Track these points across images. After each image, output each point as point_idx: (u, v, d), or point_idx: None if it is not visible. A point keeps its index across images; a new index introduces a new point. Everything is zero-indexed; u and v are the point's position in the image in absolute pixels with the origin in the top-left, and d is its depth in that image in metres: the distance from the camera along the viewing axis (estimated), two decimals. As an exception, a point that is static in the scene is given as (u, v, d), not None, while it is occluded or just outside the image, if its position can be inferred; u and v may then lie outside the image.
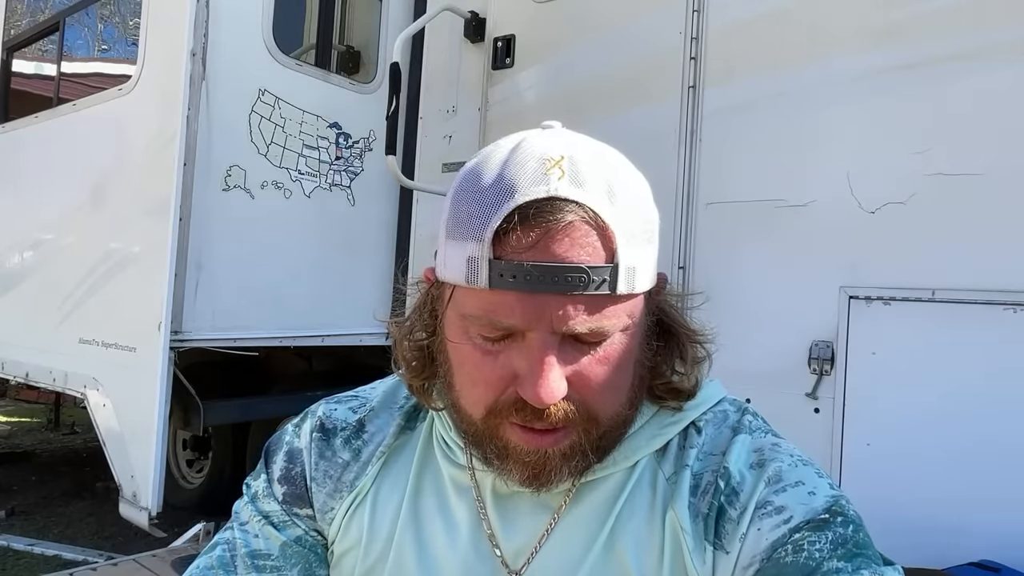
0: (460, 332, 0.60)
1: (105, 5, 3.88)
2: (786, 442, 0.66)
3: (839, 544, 0.57)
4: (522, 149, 0.58)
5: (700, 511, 0.63)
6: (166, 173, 2.84)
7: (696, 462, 0.65)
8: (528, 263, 0.54)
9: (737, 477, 0.63)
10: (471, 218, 0.57)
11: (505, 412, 0.59)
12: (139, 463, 2.89)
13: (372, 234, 3.56)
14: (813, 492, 0.61)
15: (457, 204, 0.59)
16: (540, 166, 0.56)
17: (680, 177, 2.47)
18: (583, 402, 0.59)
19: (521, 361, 0.57)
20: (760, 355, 2.23)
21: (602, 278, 0.55)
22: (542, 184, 0.55)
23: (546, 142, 0.59)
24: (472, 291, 0.57)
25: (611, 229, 0.56)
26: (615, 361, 0.59)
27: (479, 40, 3.14)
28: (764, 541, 0.59)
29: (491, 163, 0.59)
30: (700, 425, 0.67)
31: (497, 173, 0.57)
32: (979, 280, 1.93)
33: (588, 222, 0.55)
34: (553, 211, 0.55)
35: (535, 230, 0.55)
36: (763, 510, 0.60)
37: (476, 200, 0.57)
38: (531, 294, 0.55)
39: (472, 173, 0.60)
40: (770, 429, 0.68)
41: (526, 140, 0.60)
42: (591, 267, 0.55)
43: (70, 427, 6.22)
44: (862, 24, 2.18)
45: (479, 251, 0.56)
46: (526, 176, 0.56)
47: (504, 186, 0.56)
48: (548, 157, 0.57)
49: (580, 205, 0.55)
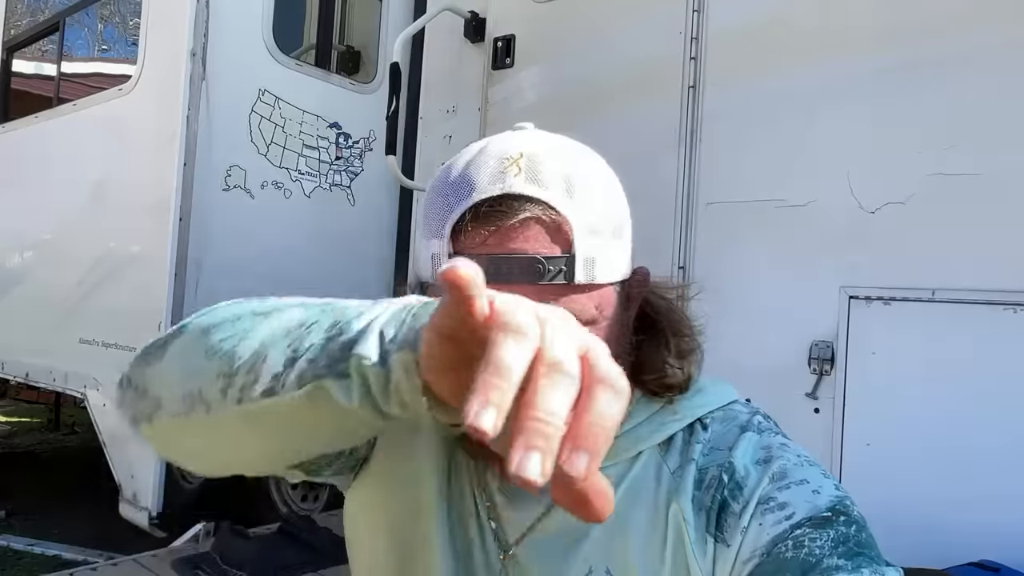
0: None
1: (105, 5, 3.88)
2: (795, 444, 0.67)
3: (840, 542, 0.57)
4: (487, 149, 0.61)
5: (703, 504, 0.63)
6: (166, 173, 2.85)
7: (702, 456, 0.65)
8: (482, 255, 0.56)
9: (742, 472, 0.63)
10: (434, 216, 0.60)
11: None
12: (139, 463, 2.90)
13: (372, 234, 3.56)
14: (817, 491, 0.61)
15: (426, 203, 0.62)
16: (499, 164, 0.59)
17: (680, 177, 2.47)
18: None
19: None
20: (760, 355, 2.23)
21: (558, 268, 0.57)
22: (498, 181, 0.58)
23: (509, 142, 0.61)
24: (436, 285, 0.59)
25: (568, 222, 0.57)
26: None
27: (479, 40, 3.14)
28: (765, 536, 0.59)
29: (458, 163, 0.62)
30: (707, 422, 0.68)
31: (460, 172, 0.60)
32: (979, 280, 1.93)
33: (543, 217, 0.57)
34: (508, 207, 0.57)
35: (490, 227, 0.57)
36: (766, 505, 0.61)
37: (439, 199, 0.60)
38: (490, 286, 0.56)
39: (442, 173, 0.63)
40: (780, 431, 0.69)
41: (492, 140, 0.62)
42: (546, 257, 0.57)
43: (70, 427, 6.22)
44: (862, 24, 2.18)
45: (440, 247, 0.59)
46: (485, 174, 0.59)
47: (464, 184, 0.59)
48: (507, 156, 0.59)
49: (535, 201, 0.57)
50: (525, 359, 0.34)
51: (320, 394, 0.44)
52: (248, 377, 0.48)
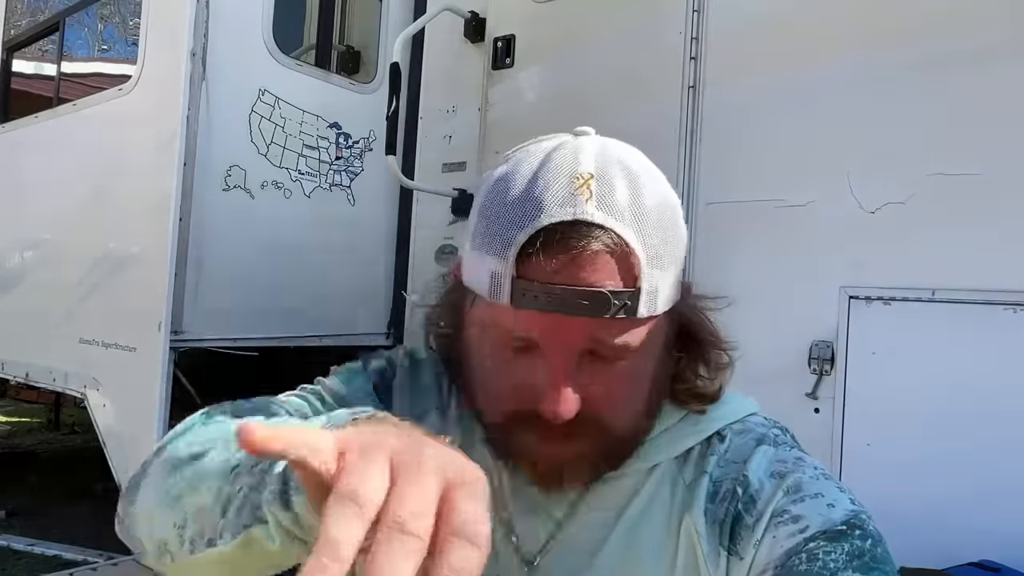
0: (482, 340, 0.61)
1: (105, 5, 3.88)
2: (811, 458, 0.66)
3: (855, 556, 0.56)
4: (553, 162, 0.58)
5: (717, 517, 0.63)
6: (166, 173, 2.84)
7: (716, 469, 0.65)
8: (551, 286, 0.54)
9: (756, 485, 0.62)
10: (497, 233, 0.56)
11: (521, 421, 0.60)
12: (139, 463, 2.89)
13: (372, 234, 3.56)
14: (832, 504, 0.60)
15: (484, 214, 0.59)
16: (568, 184, 0.56)
17: (680, 177, 2.47)
18: (598, 416, 0.59)
19: (540, 375, 0.58)
20: (760, 355, 2.22)
21: (623, 302, 0.55)
22: (569, 205, 0.55)
23: (577, 156, 0.58)
24: (494, 304, 0.57)
25: (636, 254, 0.56)
26: (632, 376, 0.60)
27: (479, 40, 3.14)
28: (779, 549, 0.58)
29: (520, 174, 0.58)
30: (724, 434, 0.67)
31: (525, 187, 0.57)
32: (979, 280, 1.92)
33: (613, 248, 0.55)
34: (579, 236, 0.54)
35: (560, 256, 0.54)
36: (779, 518, 0.60)
37: (502, 214, 0.57)
38: (551, 314, 0.55)
39: (501, 183, 0.59)
40: (797, 445, 0.68)
41: (557, 151, 0.59)
42: (613, 291, 0.55)
43: (70, 427, 6.22)
44: (862, 24, 2.18)
45: (503, 268, 0.56)
46: (553, 195, 0.55)
47: (531, 204, 0.56)
48: (577, 174, 0.56)
49: (606, 230, 0.55)
50: (357, 531, 0.33)
51: (251, 541, 0.48)
52: (195, 528, 0.53)
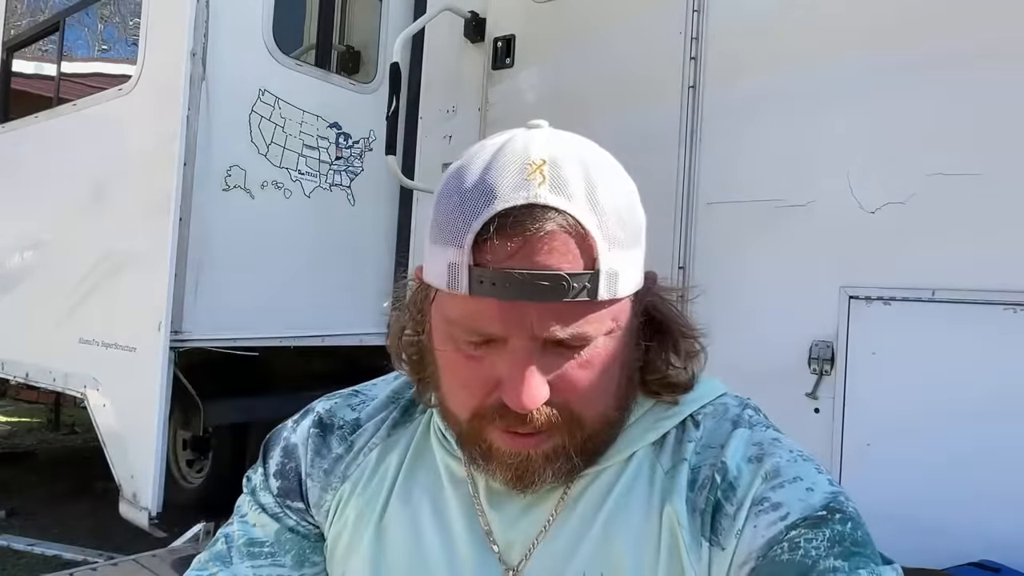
0: (445, 336, 0.61)
1: (105, 5, 3.89)
2: (787, 438, 0.66)
3: (836, 542, 0.57)
4: (504, 152, 0.58)
5: (697, 506, 0.62)
6: (166, 173, 2.84)
7: (694, 456, 0.64)
8: (508, 271, 0.54)
9: (734, 471, 0.62)
10: (452, 223, 0.56)
11: (489, 416, 0.60)
12: (139, 463, 2.89)
13: (372, 234, 3.56)
14: (811, 488, 0.60)
15: (439, 207, 0.59)
16: (521, 171, 0.56)
17: (680, 177, 2.47)
18: (566, 406, 0.59)
19: (503, 367, 0.57)
20: (760, 355, 2.23)
21: (582, 285, 0.55)
22: (522, 190, 0.55)
23: (529, 145, 0.58)
24: (454, 296, 0.57)
25: (592, 235, 0.55)
26: (599, 365, 0.59)
27: (479, 40, 3.14)
28: (760, 538, 0.58)
29: (474, 165, 0.58)
30: (698, 419, 0.67)
31: (478, 178, 0.57)
32: (979, 280, 1.93)
33: (568, 229, 0.55)
34: (533, 218, 0.54)
35: (515, 238, 0.54)
36: (760, 507, 0.60)
37: (457, 204, 0.57)
38: (511, 301, 0.55)
39: (455, 175, 0.59)
40: (771, 424, 0.68)
41: (509, 142, 0.59)
42: (571, 274, 0.54)
43: (70, 427, 6.22)
44: (862, 24, 2.18)
45: (459, 257, 0.55)
46: (507, 181, 0.56)
47: (485, 191, 0.56)
48: (530, 161, 0.56)
49: (560, 212, 0.55)
50: None
51: None
52: None
